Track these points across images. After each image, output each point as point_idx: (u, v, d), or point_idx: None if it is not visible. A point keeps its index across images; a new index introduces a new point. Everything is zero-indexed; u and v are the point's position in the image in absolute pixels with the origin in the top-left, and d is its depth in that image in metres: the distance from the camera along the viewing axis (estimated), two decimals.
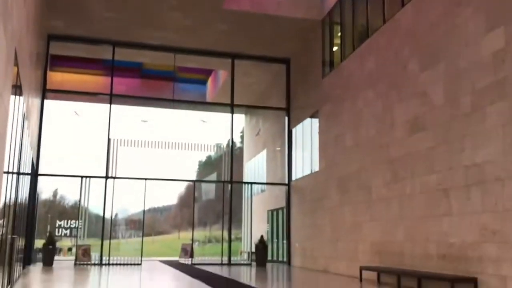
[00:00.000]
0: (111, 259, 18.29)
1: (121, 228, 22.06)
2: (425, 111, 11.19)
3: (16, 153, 8.64)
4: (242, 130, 27.25)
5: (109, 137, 18.62)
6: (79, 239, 17.87)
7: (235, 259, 20.41)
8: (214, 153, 21.26)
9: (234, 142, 20.70)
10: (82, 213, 18.06)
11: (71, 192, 19.72)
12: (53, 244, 16.64)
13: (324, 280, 13.35)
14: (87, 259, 17.16)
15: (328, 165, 16.52)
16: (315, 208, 17.31)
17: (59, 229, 18.03)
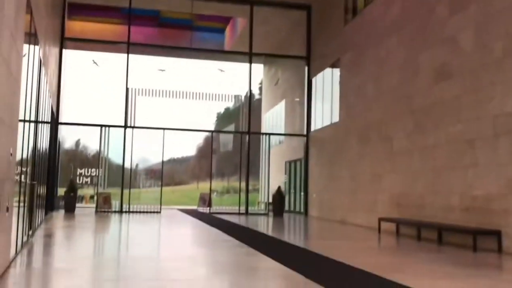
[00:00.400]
0: (131, 207, 18.51)
1: (141, 178, 22.22)
2: (452, 58, 10.65)
3: (33, 101, 8.50)
4: (261, 81, 26.79)
5: (127, 87, 18.44)
6: (100, 188, 18.04)
7: (253, 209, 20.53)
8: (232, 104, 20.97)
9: (252, 93, 20.33)
10: (102, 162, 18.14)
11: (93, 142, 19.80)
12: (74, 192, 16.84)
13: (342, 230, 13.27)
14: (107, 206, 17.37)
15: (348, 116, 16.14)
16: (334, 160, 17.08)
17: (80, 177, 18.20)
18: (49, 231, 10.48)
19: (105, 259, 6.87)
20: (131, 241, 9.81)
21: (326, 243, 9.95)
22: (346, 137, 16.12)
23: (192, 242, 9.56)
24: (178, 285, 5.08)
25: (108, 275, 5.63)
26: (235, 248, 8.44)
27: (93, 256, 7.06)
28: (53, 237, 9.63)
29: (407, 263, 7.34)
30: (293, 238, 11.51)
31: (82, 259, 6.78)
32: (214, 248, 8.64)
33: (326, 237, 11.76)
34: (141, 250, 8.16)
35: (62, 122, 17.68)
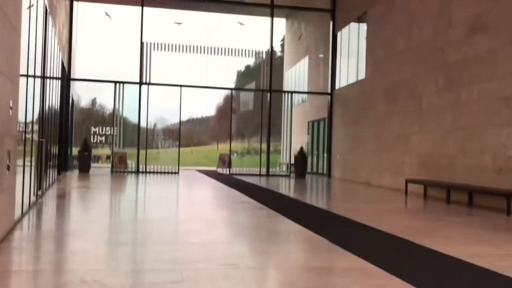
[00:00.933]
0: (148, 167, 18.18)
1: (159, 138, 21.82)
2: (489, 9, 9.70)
3: (39, 54, 7.98)
4: (283, 38, 25.76)
5: (142, 41, 17.76)
6: (115, 147, 17.66)
7: (274, 170, 20.01)
8: (252, 61, 20.11)
9: (274, 49, 19.45)
10: (116, 121, 17.68)
11: (108, 100, 19.30)
12: (88, 151, 16.49)
13: (367, 192, 12.69)
14: (123, 166, 17.04)
15: (375, 72, 15.27)
16: (359, 119, 16.33)
17: (94, 136, 17.81)
18: (60, 192, 10.14)
19: (116, 221, 6.44)
20: (145, 202, 9.40)
21: (350, 206, 9.40)
22: (373, 95, 15.31)
23: (209, 204, 9.11)
24: (193, 249, 4.59)
25: (119, 238, 5.17)
26: (254, 210, 7.94)
27: (104, 218, 6.63)
28: (64, 198, 9.27)
29: (438, 228, 6.76)
30: (316, 200, 10.98)
31: (93, 222, 6.35)
32: (232, 210, 8.16)
33: (350, 199, 11.20)
34: (155, 211, 7.72)
35: (75, 78, 17.17)
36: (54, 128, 11.90)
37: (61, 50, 12.92)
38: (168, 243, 4.87)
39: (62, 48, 13.56)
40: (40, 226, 5.93)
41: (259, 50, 19.19)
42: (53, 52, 10.46)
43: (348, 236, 5.65)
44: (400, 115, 13.47)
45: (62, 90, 14.33)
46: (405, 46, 13.35)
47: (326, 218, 7.26)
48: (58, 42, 11.91)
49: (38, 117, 8.54)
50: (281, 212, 7.47)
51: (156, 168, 18.46)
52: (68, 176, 14.83)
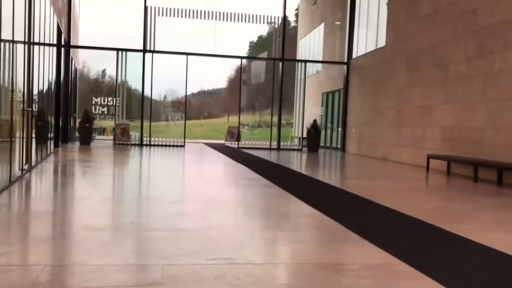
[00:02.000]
0: (153, 140, 17.35)
1: (169, 110, 20.98)
2: None
3: (20, 16, 7.10)
4: (297, 7, 24.51)
5: (145, 5, 16.69)
6: (118, 119, 16.81)
7: (285, 144, 19.04)
8: (264, 30, 18.90)
9: (287, 17, 18.29)
10: (119, 91, 16.77)
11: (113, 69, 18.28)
12: (89, 122, 15.66)
13: (385, 168, 11.75)
14: (126, 138, 16.22)
15: (396, 39, 14.12)
16: (378, 90, 15.25)
17: (96, 106, 16.96)
18: (52, 166, 9.35)
19: (102, 201, 5.61)
20: (140, 179, 8.57)
21: (367, 184, 8.48)
22: (393, 63, 14.20)
23: (212, 181, 8.25)
24: (183, 237, 3.75)
25: (97, 222, 4.34)
26: (262, 188, 7.07)
27: (87, 198, 5.80)
28: (53, 172, 8.48)
29: (468, 210, 5.85)
30: (329, 177, 10.08)
31: (73, 201, 5.53)
32: (237, 188, 7.29)
33: (366, 176, 10.26)
34: (149, 190, 6.89)
35: (74, 45, 16.22)
36: (48, 98, 11.08)
37: (56, 14, 11.98)
38: (155, 229, 4.03)
39: (58, 12, 12.62)
40: (9, 206, 5.11)
41: (272, 16, 17.98)
42: (43, 15, 9.53)
43: (367, 221, 4.76)
44: (423, 85, 12.41)
45: (58, 57, 13.44)
46: (430, 9, 12.18)
47: (341, 198, 6.36)
48: (52, 5, 10.97)
49: (27, 86, 7.72)
50: (291, 191, 6.59)
51: (161, 140, 17.63)
52: (67, 148, 14.07)
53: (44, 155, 10.60)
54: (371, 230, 4.27)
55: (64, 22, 14.38)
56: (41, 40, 9.48)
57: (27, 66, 7.75)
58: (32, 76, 8.10)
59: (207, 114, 54.83)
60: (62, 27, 13.66)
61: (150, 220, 4.47)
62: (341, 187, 7.55)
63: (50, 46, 11.03)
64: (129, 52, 16.81)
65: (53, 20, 11.24)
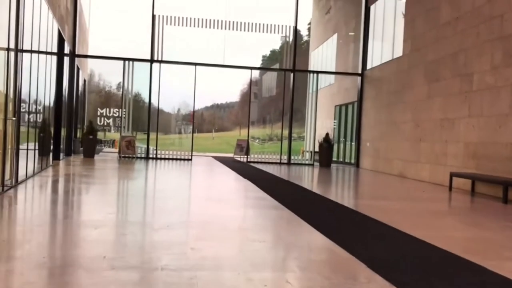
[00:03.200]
0: (160, 153, 16.64)
1: (182, 123, 20.35)
2: None
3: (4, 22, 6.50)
4: (309, 21, 23.83)
5: (153, 13, 16.11)
6: (124, 131, 16.14)
7: (296, 158, 18.19)
8: (276, 40, 18.13)
9: (299, 28, 17.58)
10: (125, 102, 16.13)
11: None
12: (93, 134, 15.01)
13: (403, 187, 10.89)
14: (131, 151, 15.54)
15: (414, 48, 13.31)
16: (394, 102, 14.42)
17: (101, 118, 16.32)
18: (42, 181, 8.64)
19: (77, 225, 4.85)
20: (131, 198, 7.80)
21: (385, 205, 7.63)
22: (411, 74, 13.38)
23: (213, 200, 7.45)
24: (159, 281, 2.96)
25: (60, 257, 3.56)
26: (268, 210, 6.27)
27: (59, 222, 5.05)
28: (38, 189, 7.76)
29: (507, 241, 4.99)
30: (343, 196, 9.25)
31: (42, 226, 4.78)
32: (239, 210, 6.49)
33: (384, 195, 9.39)
34: (138, 211, 6.12)
35: (79, 55, 15.64)
36: (45, 108, 10.44)
37: (57, 21, 11.39)
38: (128, 267, 3.24)
39: (60, 19, 12.03)
40: None
41: (283, 26, 17.24)
42: (39, 22, 8.92)
43: (393, 256, 3.92)
44: (443, 97, 11.56)
45: (60, 66, 12.85)
46: (451, 16, 11.38)
47: (358, 224, 5.53)
48: (51, 11, 10.37)
49: (13, 94, 7.08)
50: (301, 214, 5.78)
51: (167, 154, 16.92)
52: (67, 161, 13.41)
53: (40, 168, 9.93)
54: (401, 273, 3.44)
55: (68, 31, 13.81)
56: (36, 47, 8.85)
57: (13, 74, 7.11)
58: (19, 84, 7.45)
59: (218, 127, 54.28)
60: (65, 35, 13.08)
61: (127, 253, 3.69)
62: (357, 209, 6.72)
63: (47, 55, 10.42)
64: (136, 62, 16.19)
65: (52, 27, 10.64)
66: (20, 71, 7.46)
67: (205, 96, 53.59)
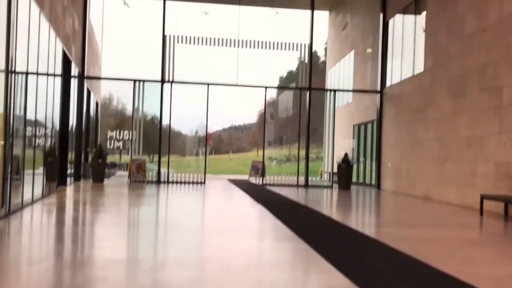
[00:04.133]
0: (171, 176, 16.03)
1: (196, 144, 19.87)
2: None
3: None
4: (326, 41, 23.34)
5: (164, 33, 15.71)
6: (134, 154, 15.62)
7: (314, 180, 17.40)
8: (291, 59, 17.47)
9: (316, 52, 16.99)
10: (136, 124, 15.65)
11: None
12: (102, 158, 14.51)
13: (429, 211, 10.07)
14: (141, 175, 14.98)
15: (436, 63, 12.59)
16: (416, 120, 13.64)
17: (111, 141, 15.85)
18: (40, 210, 8.10)
19: (57, 268, 4.23)
20: (128, 227, 7.18)
21: (412, 234, 6.85)
22: (434, 90, 12.63)
23: (219, 231, 6.74)
24: None
25: None
26: (281, 243, 5.59)
27: (32, 264, 4.43)
28: (29, 221, 7.20)
29: None
30: (364, 223, 8.48)
31: (10, 268, 4.17)
32: (248, 243, 5.78)
33: (409, 221, 8.57)
34: (130, 243, 5.48)
35: (88, 76, 15.27)
36: (46, 132, 9.97)
37: (61, 41, 11.01)
38: None
39: (65, 39, 11.66)
40: None
41: (298, 43, 16.65)
42: (38, 42, 8.49)
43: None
44: (470, 113, 10.78)
45: (66, 88, 12.45)
46: (477, 27, 10.67)
47: (381, 258, 4.80)
48: (54, 30, 9.98)
49: (4, 118, 6.60)
50: (317, 247, 5.07)
51: (180, 177, 16.32)
52: (75, 187, 12.89)
53: (42, 195, 9.42)
54: None
55: (75, 51, 13.46)
56: (33, 69, 8.40)
57: (3, 96, 6.62)
58: (11, 107, 6.95)
59: (236, 149, 53.84)
60: (71, 56, 12.71)
61: None
62: (380, 238, 5.98)
63: (50, 76, 9.99)
64: (147, 82, 15.77)
65: (55, 47, 10.24)
66: (12, 93, 6.97)
67: (222, 117, 53.58)
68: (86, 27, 15.09)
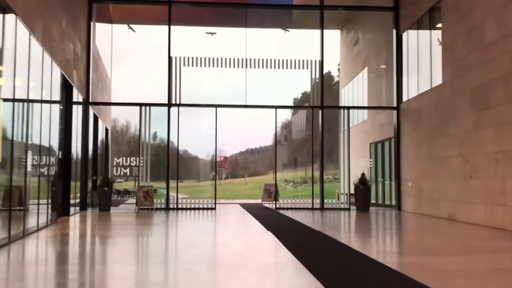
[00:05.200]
0: (180, 202, 15.35)
1: (207, 169, 19.33)
2: None
3: None
4: (339, 63, 22.80)
5: (169, 55, 15.23)
6: (142, 180, 15.02)
7: (331, 202, 16.51)
8: (298, 74, 16.78)
9: (330, 72, 16.39)
10: (143, 149, 15.08)
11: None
12: (108, 186, 13.93)
13: (458, 234, 9.22)
14: (149, 203, 14.34)
15: (456, 74, 11.84)
16: (437, 135, 12.83)
17: (118, 168, 15.31)
18: (30, 246, 7.50)
19: None
20: (115, 265, 6.51)
21: (438, 263, 6.04)
22: (454, 102, 11.85)
23: (217, 265, 6.04)
24: None
25: None
26: (287, 280, 4.85)
27: None
28: (10, 259, 6.57)
29: None
30: (385, 251, 7.66)
31: None
32: (246, 282, 5.05)
33: (434, 248, 7.65)
34: (111, 286, 4.79)
35: (93, 102, 14.80)
36: (40, 160, 9.43)
37: (60, 66, 10.56)
38: None
39: (65, 63, 11.22)
40: None
41: (308, 60, 16.01)
42: (28, 67, 8.02)
43: None
44: (496, 126, 9.97)
45: (68, 115, 11.99)
46: (498, 33, 9.94)
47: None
48: (50, 54, 9.53)
49: None
50: (331, 285, 4.33)
51: (189, 203, 15.64)
52: (79, 216, 12.29)
53: (37, 227, 8.83)
54: None
55: (77, 77, 13.03)
56: (26, 95, 7.91)
57: None
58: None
59: (252, 172, 53.14)
60: (73, 81, 12.28)
61: None
62: (403, 270, 5.19)
63: (44, 103, 9.50)
64: (153, 106, 15.28)
65: (51, 72, 9.78)
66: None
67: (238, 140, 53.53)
68: (90, 52, 14.70)
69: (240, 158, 56.14)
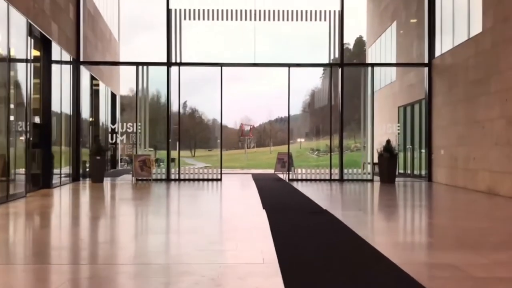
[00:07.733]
0: (183, 173, 13.88)
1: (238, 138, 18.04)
2: None
3: None
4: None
5: (168, 7, 13.51)
6: (140, 148, 13.58)
7: (353, 172, 14.69)
8: (314, 26, 14.74)
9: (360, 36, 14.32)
10: (140, 114, 13.59)
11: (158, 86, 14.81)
12: (100, 154, 12.53)
13: (497, 210, 7.46)
14: (146, 173, 12.92)
15: (499, 19, 9.79)
16: (476, 94, 10.86)
17: (113, 134, 13.93)
18: None
19: None
20: (76, 251, 5.05)
21: (483, 262, 4.33)
22: (497, 55, 9.84)
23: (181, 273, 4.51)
24: None
25: None
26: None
27: None
28: None
29: None
30: (412, 246, 5.90)
31: None
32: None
33: (475, 237, 5.80)
34: None
35: (84, 61, 13.28)
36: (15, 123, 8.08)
37: (27, 15, 9.04)
38: None
39: (34, 12, 9.68)
40: None
41: (325, 10, 13.96)
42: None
43: None
44: None
45: (45, 74, 10.57)
46: None
47: None
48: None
49: None
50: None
51: (192, 173, 14.17)
52: (61, 190, 10.96)
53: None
54: None
55: (60, 31, 11.50)
56: None
57: None
58: None
59: (279, 141, 51.85)
60: (52, 35, 10.76)
61: None
62: (433, 280, 3.52)
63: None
64: (151, 66, 13.74)
65: (9, 21, 8.26)
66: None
67: (265, 110, 53.22)
68: (80, 5, 13.16)
69: (267, 127, 54.69)
